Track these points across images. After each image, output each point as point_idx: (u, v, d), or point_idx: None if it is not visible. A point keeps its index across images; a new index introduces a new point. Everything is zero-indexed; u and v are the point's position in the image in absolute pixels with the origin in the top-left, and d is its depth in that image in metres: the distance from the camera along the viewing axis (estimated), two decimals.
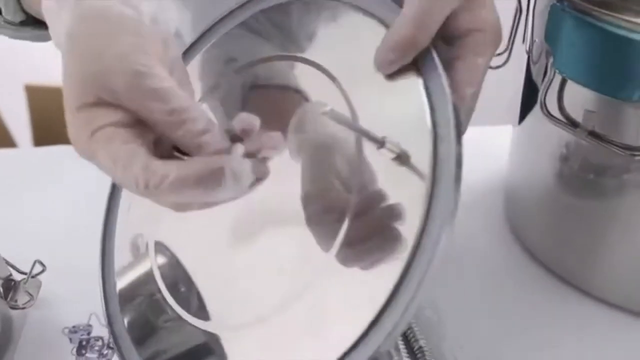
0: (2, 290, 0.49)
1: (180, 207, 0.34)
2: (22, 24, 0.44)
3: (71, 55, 0.32)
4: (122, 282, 0.46)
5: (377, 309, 0.32)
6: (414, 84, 0.35)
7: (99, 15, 0.32)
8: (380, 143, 0.34)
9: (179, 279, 0.44)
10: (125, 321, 0.45)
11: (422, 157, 0.34)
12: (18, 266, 0.52)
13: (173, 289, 0.44)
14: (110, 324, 0.45)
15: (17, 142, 1.49)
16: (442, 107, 0.34)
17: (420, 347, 0.50)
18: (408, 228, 0.33)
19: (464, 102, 0.36)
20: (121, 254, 0.47)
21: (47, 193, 0.72)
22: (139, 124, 0.32)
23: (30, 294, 0.49)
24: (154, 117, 0.31)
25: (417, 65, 0.35)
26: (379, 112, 0.37)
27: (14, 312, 0.54)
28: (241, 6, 0.46)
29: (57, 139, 0.84)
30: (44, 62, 1.49)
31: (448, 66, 0.36)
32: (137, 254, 0.46)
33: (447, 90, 0.34)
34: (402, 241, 0.33)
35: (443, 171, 0.33)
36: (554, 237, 0.60)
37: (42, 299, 0.54)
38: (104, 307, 0.46)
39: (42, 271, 0.51)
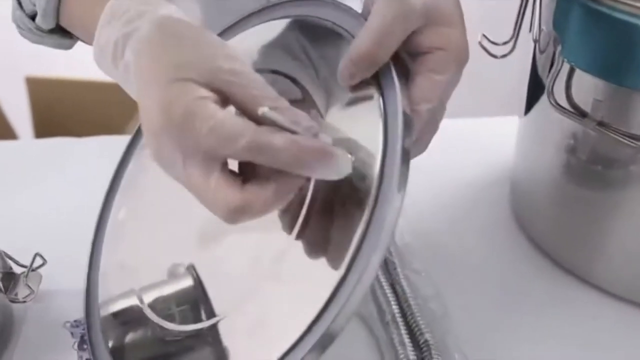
0: (1, 283, 0.49)
1: (236, 215, 0.34)
2: (50, 31, 0.47)
3: (166, 41, 0.36)
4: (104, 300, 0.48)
5: (320, 304, 0.34)
6: (373, 97, 0.37)
7: (181, 20, 0.38)
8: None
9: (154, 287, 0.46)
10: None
11: (372, 168, 0.35)
12: (17, 259, 0.52)
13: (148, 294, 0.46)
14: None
15: (18, 133, 1.48)
16: (393, 122, 0.35)
17: (426, 340, 0.50)
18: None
19: (420, 117, 0.37)
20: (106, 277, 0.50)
21: (47, 185, 0.72)
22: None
23: (30, 288, 0.48)
24: (250, 92, 0.34)
25: (378, 79, 0.37)
26: (341, 120, 0.39)
27: (14, 306, 0.53)
28: (257, 12, 0.48)
29: (58, 131, 0.84)
30: (44, 54, 1.49)
31: (410, 80, 0.38)
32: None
33: (399, 107, 0.35)
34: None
35: (386, 182, 0.34)
36: (559, 228, 0.59)
37: (43, 293, 0.54)
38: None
39: (43, 264, 0.50)
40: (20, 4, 0.47)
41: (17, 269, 0.51)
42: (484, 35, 0.57)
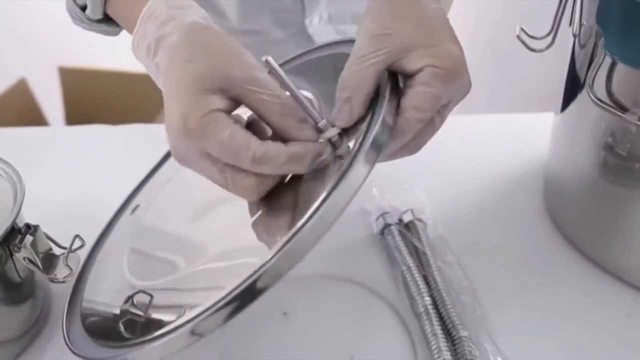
0: (41, 264, 0.50)
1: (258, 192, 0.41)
2: (99, 21, 0.52)
3: (189, 51, 0.41)
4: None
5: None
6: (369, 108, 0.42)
7: (205, 27, 0.43)
8: (317, 121, 0.41)
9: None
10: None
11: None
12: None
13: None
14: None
15: (50, 122, 1.50)
16: (371, 129, 0.40)
17: (458, 332, 0.50)
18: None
19: (408, 124, 0.41)
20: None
21: (79, 171, 0.73)
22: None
23: (70, 268, 0.49)
24: (263, 100, 0.39)
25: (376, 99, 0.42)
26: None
27: (53, 286, 0.54)
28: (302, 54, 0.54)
29: (88, 120, 0.86)
30: (77, 45, 1.51)
31: (403, 94, 0.42)
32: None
33: (381, 116, 0.40)
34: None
35: (356, 159, 0.38)
36: (594, 224, 0.59)
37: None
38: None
39: (82, 246, 0.51)
40: None
41: (57, 251, 0.52)
42: (522, 29, 0.56)
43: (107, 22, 0.51)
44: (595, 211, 0.58)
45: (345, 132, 0.42)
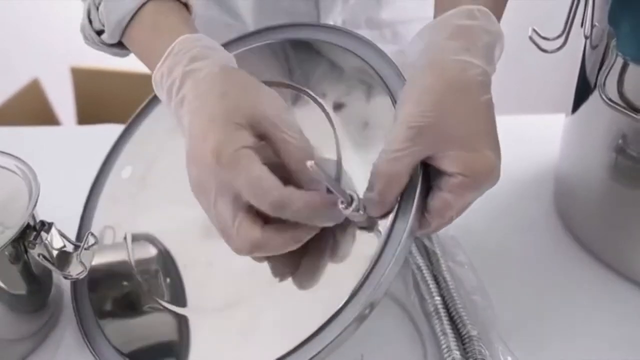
0: (56, 260, 0.50)
1: (253, 250, 0.40)
2: (111, 45, 0.53)
3: (226, 86, 0.42)
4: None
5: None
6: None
7: (237, 69, 0.45)
8: (348, 202, 0.40)
9: (155, 269, 0.52)
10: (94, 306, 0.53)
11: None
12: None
13: (145, 275, 0.52)
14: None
15: (62, 121, 1.51)
16: (404, 222, 0.41)
17: (468, 331, 0.50)
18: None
19: (428, 227, 0.41)
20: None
21: (90, 170, 0.73)
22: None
23: (84, 264, 0.50)
24: (287, 143, 0.40)
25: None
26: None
27: (65, 283, 0.55)
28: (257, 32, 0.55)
29: (100, 121, 0.87)
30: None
31: (431, 192, 0.41)
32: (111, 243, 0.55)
33: (412, 213, 0.40)
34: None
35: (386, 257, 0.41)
36: (604, 226, 0.58)
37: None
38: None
39: (95, 243, 0.51)
40: (90, 21, 0.52)
41: (70, 248, 0.53)
42: (535, 30, 0.57)
43: (119, 46, 0.52)
44: (606, 213, 0.58)
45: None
